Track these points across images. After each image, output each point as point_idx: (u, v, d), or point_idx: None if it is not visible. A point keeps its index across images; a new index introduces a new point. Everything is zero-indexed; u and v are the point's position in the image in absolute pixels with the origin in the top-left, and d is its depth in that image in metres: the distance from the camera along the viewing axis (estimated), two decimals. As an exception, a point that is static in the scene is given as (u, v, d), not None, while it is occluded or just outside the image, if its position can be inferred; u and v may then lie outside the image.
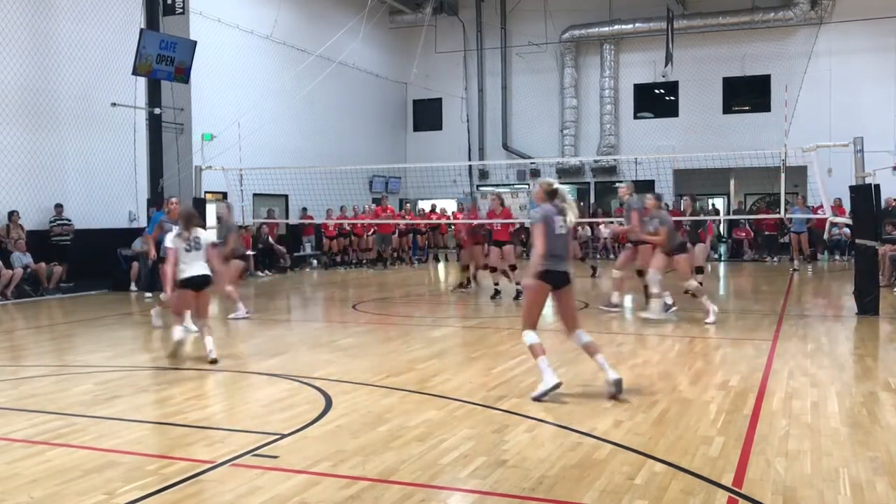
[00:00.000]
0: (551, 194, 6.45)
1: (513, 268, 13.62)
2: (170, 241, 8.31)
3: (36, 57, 15.39)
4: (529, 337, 6.35)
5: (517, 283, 12.94)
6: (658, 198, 11.04)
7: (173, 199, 11.35)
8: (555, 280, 6.32)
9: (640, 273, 11.62)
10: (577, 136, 27.32)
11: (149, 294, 14.04)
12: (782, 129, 17.33)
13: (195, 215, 8.57)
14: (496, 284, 13.65)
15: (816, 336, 9.64)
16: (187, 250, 8.18)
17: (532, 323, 6.40)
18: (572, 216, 6.36)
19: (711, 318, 10.37)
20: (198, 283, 8.22)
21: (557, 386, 6.27)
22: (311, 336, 10.18)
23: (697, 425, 5.59)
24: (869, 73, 23.75)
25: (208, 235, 8.42)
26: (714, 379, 7.11)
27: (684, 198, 14.09)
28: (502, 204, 14.02)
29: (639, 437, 5.32)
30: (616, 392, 6.28)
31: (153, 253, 11.17)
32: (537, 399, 6.23)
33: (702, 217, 14.78)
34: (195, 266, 8.20)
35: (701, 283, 11.58)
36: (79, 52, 16.10)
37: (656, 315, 10.69)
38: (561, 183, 7.08)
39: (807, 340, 9.28)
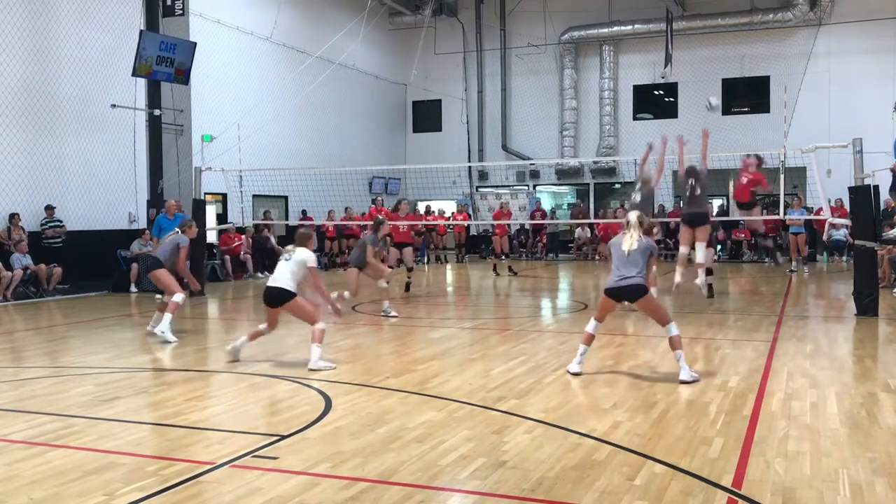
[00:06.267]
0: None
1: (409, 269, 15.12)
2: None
3: (36, 58, 15.39)
4: None
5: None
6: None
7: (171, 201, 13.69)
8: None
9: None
10: (576, 137, 27.33)
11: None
12: (781, 130, 17.33)
13: None
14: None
15: (816, 337, 9.65)
16: None
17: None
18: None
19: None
20: None
21: None
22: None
23: (697, 426, 5.59)
24: (868, 74, 23.75)
25: None
26: (714, 380, 7.11)
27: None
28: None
29: (638, 437, 5.32)
30: None
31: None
32: None
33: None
34: None
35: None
36: (79, 53, 16.10)
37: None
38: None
39: (806, 341, 9.28)
